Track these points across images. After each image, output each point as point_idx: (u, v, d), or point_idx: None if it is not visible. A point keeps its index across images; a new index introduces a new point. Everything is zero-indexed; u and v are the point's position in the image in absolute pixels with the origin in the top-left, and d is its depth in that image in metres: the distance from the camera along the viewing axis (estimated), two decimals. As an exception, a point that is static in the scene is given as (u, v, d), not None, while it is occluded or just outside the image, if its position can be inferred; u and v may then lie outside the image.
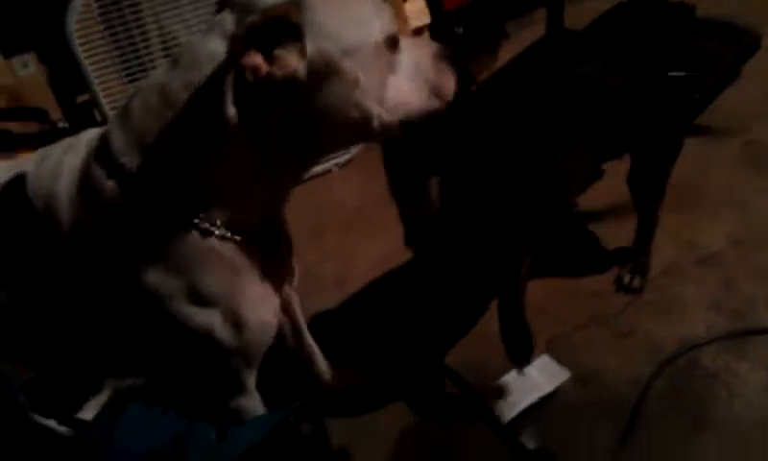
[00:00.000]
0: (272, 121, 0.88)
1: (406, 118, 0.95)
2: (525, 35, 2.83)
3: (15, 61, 2.28)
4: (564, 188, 1.54)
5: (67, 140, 1.02)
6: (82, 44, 1.84)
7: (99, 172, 0.91)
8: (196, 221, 0.91)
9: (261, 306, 1.02)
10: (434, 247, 1.38)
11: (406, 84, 0.94)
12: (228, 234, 0.94)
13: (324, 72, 0.86)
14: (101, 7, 1.82)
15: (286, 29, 0.83)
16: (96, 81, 1.89)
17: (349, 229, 1.46)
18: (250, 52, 0.82)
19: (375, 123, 0.92)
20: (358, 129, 0.92)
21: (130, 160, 0.90)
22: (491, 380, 1.57)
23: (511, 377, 1.57)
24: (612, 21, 2.52)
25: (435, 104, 0.97)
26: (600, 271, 1.81)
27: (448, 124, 1.15)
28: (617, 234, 1.79)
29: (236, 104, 0.84)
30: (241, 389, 1.09)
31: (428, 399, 1.60)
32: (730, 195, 1.97)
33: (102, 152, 0.92)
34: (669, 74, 2.11)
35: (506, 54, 2.77)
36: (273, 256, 1.04)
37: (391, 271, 1.88)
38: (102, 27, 1.85)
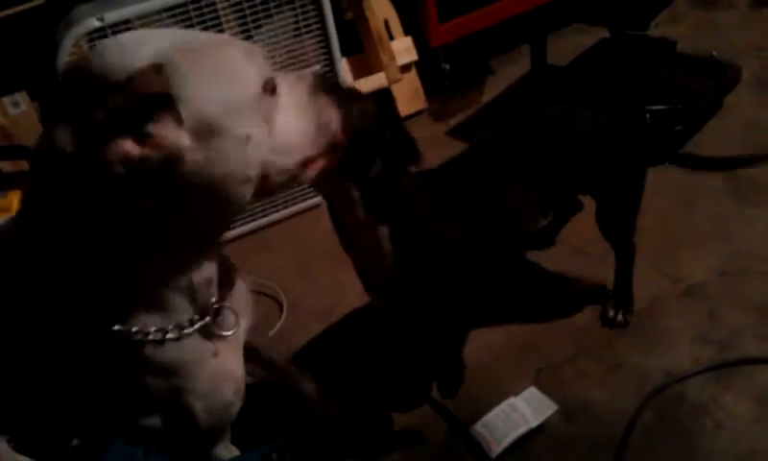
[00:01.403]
0: (160, 210, 0.77)
1: (303, 159, 0.90)
2: (510, 70, 2.88)
3: (6, 101, 2.30)
4: (513, 232, 1.55)
5: None
6: (72, 84, 1.85)
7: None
8: (120, 332, 0.83)
9: (218, 390, 0.96)
10: (390, 297, 1.39)
11: (292, 124, 0.88)
12: (161, 336, 0.86)
13: (208, 138, 0.76)
14: (91, 47, 1.85)
15: (154, 101, 0.73)
16: (86, 119, 1.91)
17: (337, 261, 1.46)
18: (115, 141, 0.71)
19: (275, 174, 0.86)
20: (261, 183, 0.85)
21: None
22: (477, 414, 1.57)
23: (498, 411, 1.56)
24: (595, 57, 2.57)
25: (325, 139, 0.92)
26: (587, 304, 1.82)
27: (384, 170, 1.15)
28: (603, 266, 1.80)
29: (107, 200, 0.74)
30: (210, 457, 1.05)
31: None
32: (713, 227, 1.99)
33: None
34: (650, 108, 2.16)
35: (491, 89, 2.82)
36: (222, 326, 0.96)
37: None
38: (92, 66, 1.88)
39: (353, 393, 1.70)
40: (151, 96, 0.73)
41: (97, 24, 1.81)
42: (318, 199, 2.31)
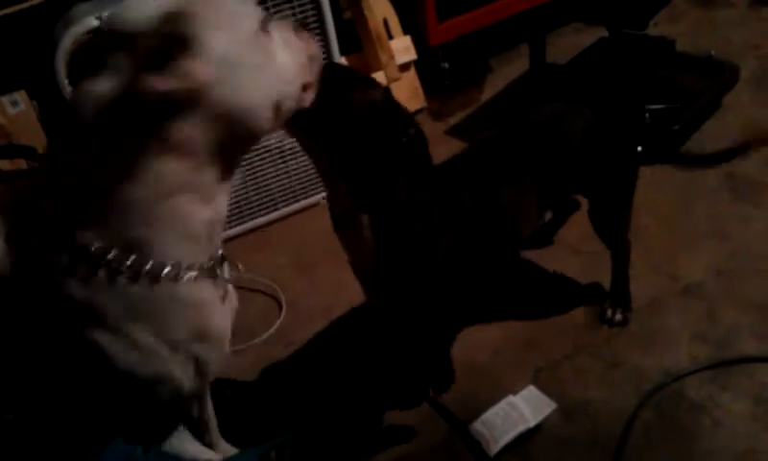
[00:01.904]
0: (184, 138, 0.86)
1: (302, 84, 0.99)
2: (509, 70, 2.89)
3: (5, 100, 2.30)
4: (512, 233, 1.56)
5: None
6: (71, 82, 1.85)
7: (42, 248, 0.87)
8: (148, 269, 0.88)
9: (224, 339, 1.01)
10: (373, 288, 1.41)
11: (288, 57, 0.96)
12: (192, 274, 0.92)
13: (228, 70, 0.86)
14: (90, 46, 1.85)
15: (177, 42, 0.82)
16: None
17: (336, 260, 1.46)
18: (148, 74, 0.80)
19: (284, 100, 0.94)
20: (272, 110, 0.93)
21: (78, 231, 0.86)
22: (476, 413, 1.57)
23: (497, 410, 1.56)
24: (594, 56, 2.57)
25: (316, 66, 1.02)
26: (585, 302, 1.83)
27: (381, 159, 1.19)
28: (601, 265, 1.81)
29: (142, 130, 0.83)
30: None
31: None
32: (711, 226, 1.99)
33: (38, 224, 0.88)
34: (648, 107, 2.16)
35: (490, 88, 2.82)
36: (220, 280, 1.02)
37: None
38: (91, 65, 1.88)
39: (352, 391, 1.70)
40: (174, 37, 0.82)
41: (96, 23, 1.81)
42: (317, 197, 2.32)
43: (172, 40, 0.81)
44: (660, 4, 2.34)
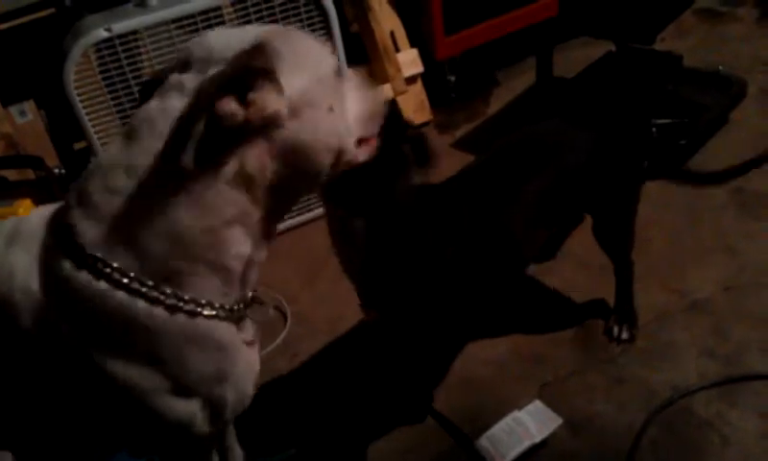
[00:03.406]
0: (248, 169, 0.86)
1: (359, 138, 0.98)
2: (516, 83, 2.89)
3: (13, 110, 2.31)
4: (512, 250, 1.55)
5: (5, 229, 0.94)
6: (79, 93, 1.86)
7: (67, 267, 0.85)
8: (181, 304, 0.87)
9: (247, 380, 0.99)
10: (361, 296, 1.41)
11: (357, 106, 0.97)
12: (215, 312, 0.90)
13: (301, 107, 0.87)
14: (99, 57, 1.86)
15: (257, 73, 0.83)
16: (93, 129, 1.92)
17: (341, 273, 1.46)
18: (225, 98, 0.80)
19: (344, 149, 0.94)
20: (334, 156, 0.93)
21: (105, 253, 0.84)
22: (482, 428, 1.56)
23: (503, 425, 1.56)
24: (602, 70, 2.57)
25: (377, 122, 1.02)
26: (591, 317, 1.81)
27: (380, 166, 1.17)
28: (607, 279, 1.80)
29: (207, 155, 0.82)
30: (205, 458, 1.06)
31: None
32: (719, 241, 1.98)
33: (66, 244, 0.86)
34: (656, 122, 2.16)
35: (497, 101, 2.82)
36: (248, 322, 1.01)
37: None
38: (99, 76, 1.89)
39: (357, 404, 1.69)
40: (255, 69, 0.82)
41: (105, 35, 1.82)
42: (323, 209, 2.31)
43: (252, 72, 0.82)
44: (668, 19, 2.33)
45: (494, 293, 1.85)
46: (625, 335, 1.73)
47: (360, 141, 0.99)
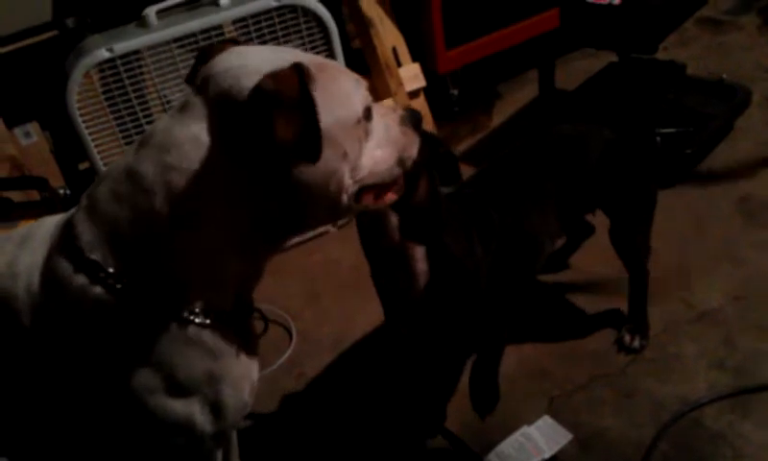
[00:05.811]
0: (253, 194, 0.86)
1: (371, 183, 0.96)
2: (518, 96, 2.89)
3: (18, 131, 2.32)
4: (535, 254, 1.54)
5: (21, 231, 0.97)
6: (82, 114, 1.87)
7: (65, 268, 0.87)
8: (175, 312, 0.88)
9: (241, 387, 0.99)
10: (419, 319, 1.37)
11: (378, 150, 0.95)
12: (207, 321, 0.90)
13: (327, 141, 0.86)
14: (101, 77, 1.87)
15: (293, 99, 0.82)
16: (96, 149, 1.92)
17: (346, 290, 1.45)
18: (256, 120, 0.80)
19: (344, 202, 0.92)
20: (330, 203, 0.92)
21: (102, 257, 0.86)
22: (490, 444, 1.54)
23: (512, 441, 1.54)
24: (604, 81, 2.57)
25: (399, 169, 0.99)
26: (599, 329, 1.80)
27: (430, 192, 1.17)
28: (615, 291, 1.78)
29: (223, 177, 0.84)
30: None
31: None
32: (727, 250, 1.96)
33: (67, 246, 0.88)
34: (660, 131, 2.15)
35: (500, 114, 2.82)
36: (245, 332, 1.01)
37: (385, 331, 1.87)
38: (102, 97, 1.89)
39: (364, 422, 1.68)
40: (289, 95, 0.81)
41: (107, 55, 1.82)
42: (328, 227, 2.30)
43: (287, 96, 0.82)
44: (670, 28, 2.33)
45: (514, 299, 1.84)
46: (636, 344, 1.71)
47: (381, 188, 0.98)
